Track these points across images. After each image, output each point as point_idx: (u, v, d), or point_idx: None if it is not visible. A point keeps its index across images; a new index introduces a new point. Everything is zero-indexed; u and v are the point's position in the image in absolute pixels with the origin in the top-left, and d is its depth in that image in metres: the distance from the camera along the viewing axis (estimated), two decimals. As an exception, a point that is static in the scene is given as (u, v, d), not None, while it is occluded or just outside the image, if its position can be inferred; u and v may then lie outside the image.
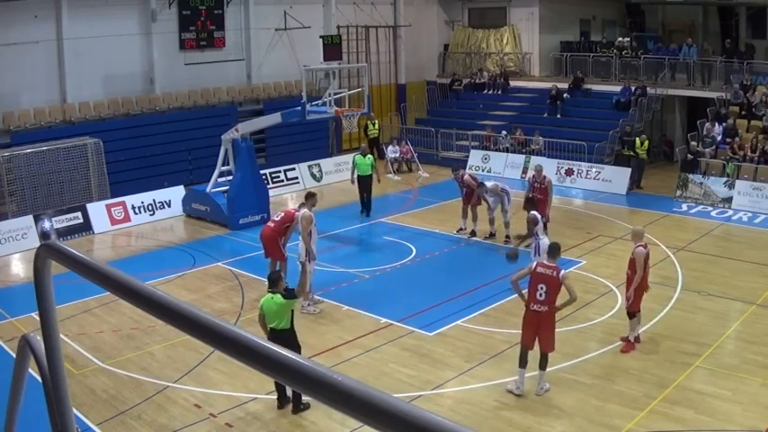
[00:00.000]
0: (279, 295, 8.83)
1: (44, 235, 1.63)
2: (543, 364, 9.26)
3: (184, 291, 13.52)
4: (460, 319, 11.79)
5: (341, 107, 18.02)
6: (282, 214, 13.03)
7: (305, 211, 12.25)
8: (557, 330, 11.28)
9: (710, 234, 16.83)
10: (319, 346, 10.85)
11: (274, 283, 9.08)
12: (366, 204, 18.95)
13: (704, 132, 21.45)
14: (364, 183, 18.80)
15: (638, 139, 21.72)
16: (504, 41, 29.21)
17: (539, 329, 9.16)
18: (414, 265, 14.97)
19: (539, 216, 12.73)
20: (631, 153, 21.79)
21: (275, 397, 9.17)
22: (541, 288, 8.96)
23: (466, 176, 16.36)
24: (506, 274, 12.64)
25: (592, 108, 25.09)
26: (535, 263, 9.24)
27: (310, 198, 12.63)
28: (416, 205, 20.24)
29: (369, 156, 19.04)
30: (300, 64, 21.18)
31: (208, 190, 18.54)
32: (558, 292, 9.06)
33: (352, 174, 18.98)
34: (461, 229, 16.74)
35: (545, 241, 11.55)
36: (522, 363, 9.25)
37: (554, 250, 9.58)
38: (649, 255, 10.61)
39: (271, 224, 13.09)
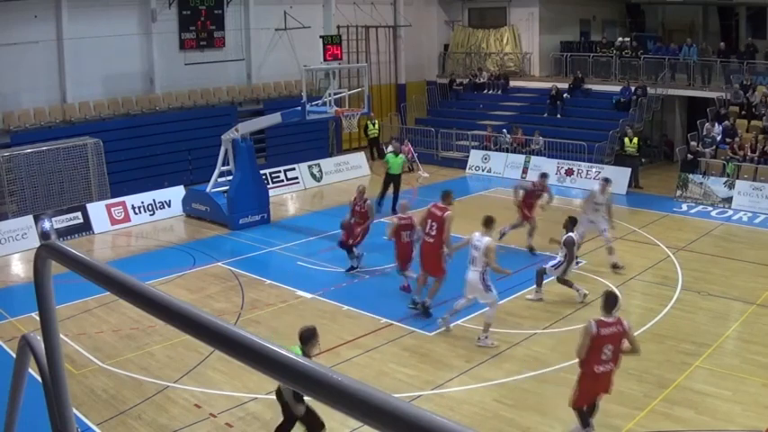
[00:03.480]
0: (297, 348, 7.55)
1: (44, 235, 1.64)
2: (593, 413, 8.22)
3: (184, 291, 13.52)
4: (460, 319, 11.78)
5: (341, 107, 18.02)
6: (435, 224, 11.64)
7: (449, 213, 11.29)
8: (557, 331, 11.32)
9: (710, 234, 16.83)
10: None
11: (306, 341, 7.58)
12: (394, 200, 18.75)
13: (704, 132, 21.45)
14: (395, 181, 19.14)
15: (626, 137, 21.77)
16: (504, 41, 29.22)
17: (603, 388, 7.96)
18: (414, 265, 14.93)
19: (574, 237, 12.22)
20: (623, 152, 21.87)
21: (275, 397, 9.15)
22: (608, 348, 7.70)
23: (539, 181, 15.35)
24: (506, 275, 12.66)
25: (592, 108, 25.10)
26: (595, 326, 7.66)
27: (448, 197, 11.98)
28: (416, 205, 20.11)
29: (400, 156, 19.56)
30: (300, 64, 21.18)
31: (208, 190, 18.53)
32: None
33: (387, 173, 19.20)
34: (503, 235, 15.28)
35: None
36: (588, 423, 8.07)
37: (610, 303, 7.94)
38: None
39: (429, 239, 11.73)
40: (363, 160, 24.87)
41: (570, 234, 12.23)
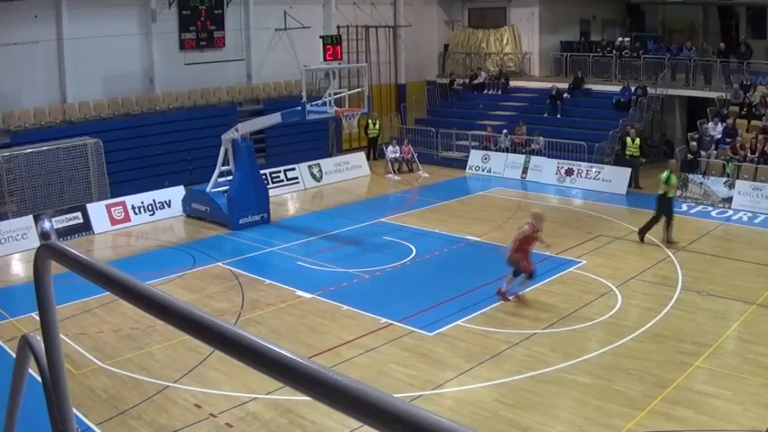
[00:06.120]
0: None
1: (44, 235, 1.63)
2: None
3: (184, 291, 13.52)
4: (460, 319, 11.79)
5: (341, 107, 18.02)
6: None
7: None
8: (557, 331, 11.32)
9: (710, 234, 16.83)
10: (319, 346, 10.86)
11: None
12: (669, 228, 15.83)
13: (704, 132, 21.45)
14: (672, 205, 15.90)
15: (628, 138, 21.75)
16: (504, 41, 29.21)
17: None
18: (414, 265, 14.96)
19: None
20: (624, 153, 21.85)
21: (277, 397, 9.16)
22: None
23: None
24: (505, 274, 12.66)
25: (592, 108, 25.09)
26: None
27: None
28: (416, 205, 20.23)
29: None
30: (300, 64, 21.19)
31: (208, 190, 18.54)
32: None
33: (666, 193, 15.60)
34: None
35: None
36: None
37: None
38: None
39: None
40: (363, 160, 24.88)
41: None
